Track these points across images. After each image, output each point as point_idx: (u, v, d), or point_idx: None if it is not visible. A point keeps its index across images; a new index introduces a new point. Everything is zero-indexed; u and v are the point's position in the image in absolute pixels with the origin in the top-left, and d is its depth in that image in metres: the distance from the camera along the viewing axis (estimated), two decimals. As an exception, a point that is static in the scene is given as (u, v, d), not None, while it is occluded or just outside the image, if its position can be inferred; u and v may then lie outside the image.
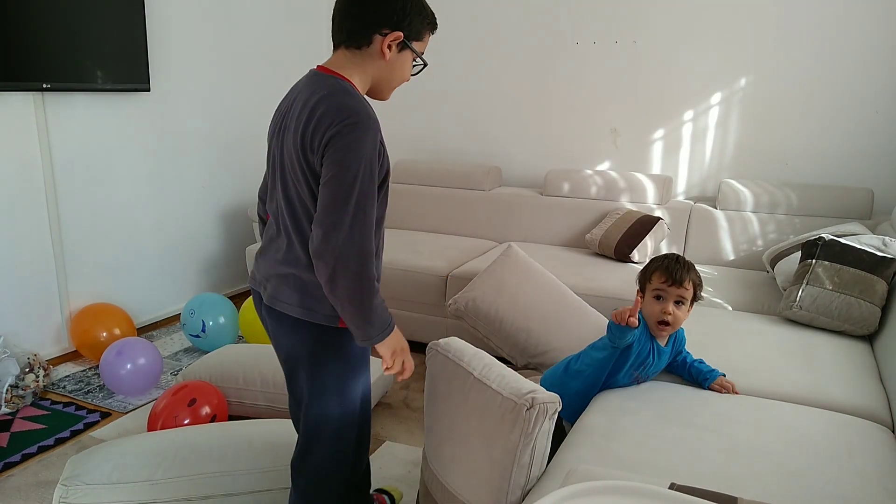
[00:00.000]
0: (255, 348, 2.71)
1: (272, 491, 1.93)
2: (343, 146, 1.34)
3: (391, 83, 1.55)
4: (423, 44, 1.52)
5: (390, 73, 1.51)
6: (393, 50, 1.47)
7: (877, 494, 1.41)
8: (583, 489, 1.14)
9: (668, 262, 1.84)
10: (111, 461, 1.89)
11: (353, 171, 1.33)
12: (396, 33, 1.44)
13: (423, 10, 1.48)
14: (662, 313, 1.81)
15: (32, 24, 2.75)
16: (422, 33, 1.50)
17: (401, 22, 1.44)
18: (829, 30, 3.33)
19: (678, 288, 1.80)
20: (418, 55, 1.52)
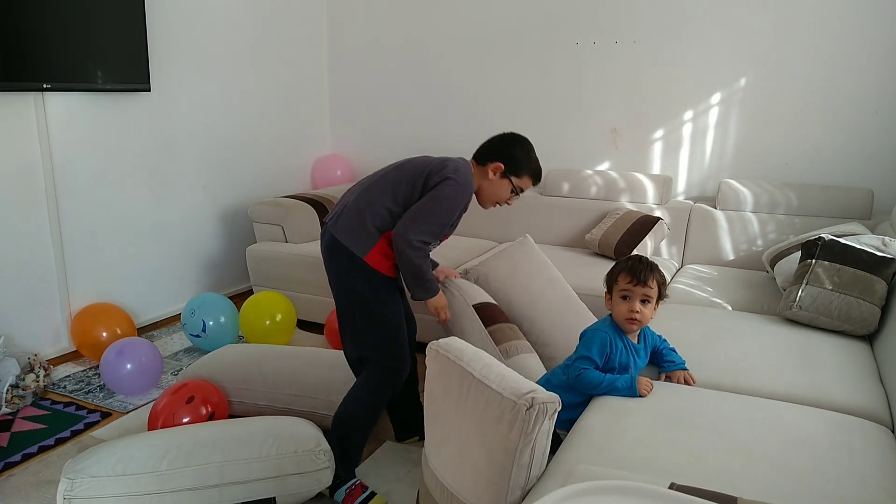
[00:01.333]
0: (256, 348, 2.72)
1: (278, 478, 1.95)
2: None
3: (487, 193, 2.27)
4: (522, 182, 2.24)
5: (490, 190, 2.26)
6: (496, 175, 2.22)
7: (877, 494, 1.41)
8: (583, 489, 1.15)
9: (633, 262, 1.94)
10: (115, 455, 1.90)
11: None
12: (500, 164, 2.22)
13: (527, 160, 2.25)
14: (630, 312, 1.90)
15: (33, 24, 2.75)
16: (521, 173, 2.23)
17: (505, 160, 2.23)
18: (829, 30, 3.33)
19: (643, 287, 1.89)
20: (513, 186, 2.23)
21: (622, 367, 1.90)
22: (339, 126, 4.68)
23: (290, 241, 3.70)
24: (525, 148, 2.24)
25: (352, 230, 2.10)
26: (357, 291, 2.13)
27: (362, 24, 4.44)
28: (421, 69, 4.29)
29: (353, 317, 2.18)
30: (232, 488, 1.91)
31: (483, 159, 2.23)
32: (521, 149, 2.24)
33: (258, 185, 4.16)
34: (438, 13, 4.19)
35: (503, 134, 2.28)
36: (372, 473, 2.25)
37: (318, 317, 3.53)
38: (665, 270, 3.25)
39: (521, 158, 2.22)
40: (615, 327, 1.95)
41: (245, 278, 3.95)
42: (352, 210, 2.12)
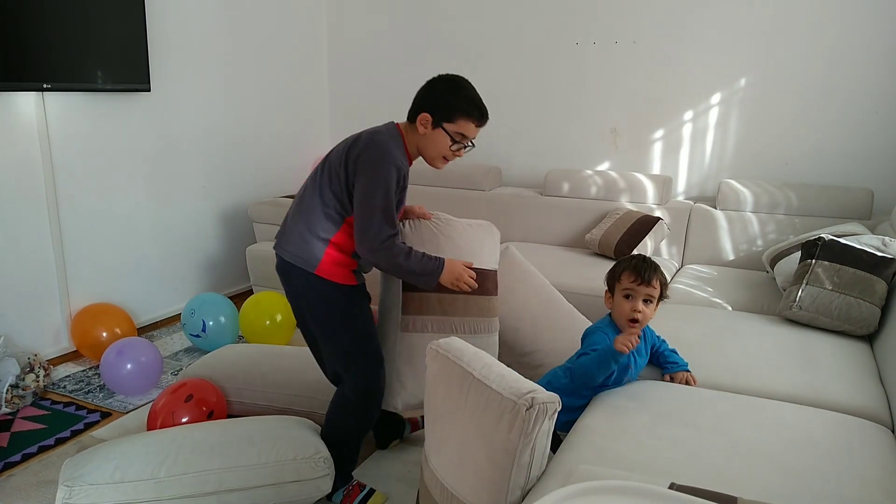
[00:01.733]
0: (255, 348, 2.71)
1: (277, 485, 1.94)
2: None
3: (427, 152, 1.99)
4: (457, 126, 1.92)
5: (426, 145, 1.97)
6: (427, 127, 1.93)
7: (877, 494, 1.41)
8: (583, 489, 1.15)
9: (637, 262, 1.91)
10: (113, 461, 1.89)
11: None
12: (426, 115, 1.91)
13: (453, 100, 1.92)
14: (633, 311, 1.87)
15: (33, 24, 2.75)
16: (452, 116, 1.91)
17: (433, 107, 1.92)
18: (829, 30, 3.33)
19: (647, 287, 1.87)
20: (448, 134, 1.93)
21: (622, 367, 1.89)
22: (339, 126, 4.68)
23: (290, 241, 3.69)
24: (451, 87, 1.93)
25: (296, 246, 1.94)
26: (316, 310, 1.98)
27: (362, 24, 4.44)
28: (421, 69, 4.28)
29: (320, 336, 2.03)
30: (230, 495, 1.90)
31: (412, 116, 1.95)
32: (446, 90, 1.92)
33: (258, 185, 4.16)
34: (438, 13, 4.19)
35: (428, 80, 1.97)
36: (371, 474, 2.25)
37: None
38: (665, 270, 3.23)
39: (448, 100, 1.91)
40: (614, 327, 1.94)
41: (245, 278, 3.95)
42: (291, 224, 1.97)
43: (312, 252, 1.92)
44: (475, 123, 1.95)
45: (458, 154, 1.99)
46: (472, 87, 1.96)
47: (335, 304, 1.96)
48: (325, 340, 2.03)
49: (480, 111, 1.95)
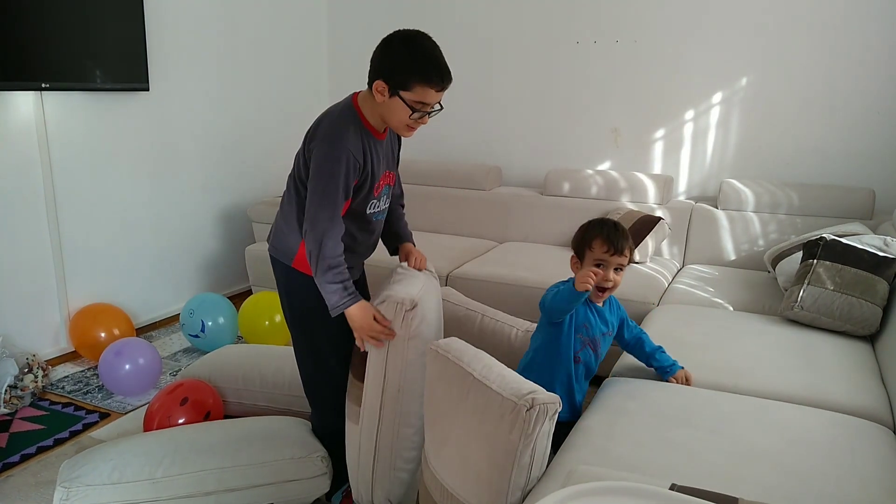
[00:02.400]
0: (255, 348, 2.71)
1: (275, 484, 1.93)
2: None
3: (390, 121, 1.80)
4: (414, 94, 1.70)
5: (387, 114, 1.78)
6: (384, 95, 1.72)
7: (877, 494, 1.41)
8: (583, 490, 1.14)
9: (608, 230, 1.85)
10: (111, 461, 1.88)
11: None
12: (380, 82, 1.71)
13: (410, 65, 1.70)
14: (604, 280, 1.85)
15: (32, 23, 2.75)
16: (408, 84, 1.69)
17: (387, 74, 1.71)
18: (830, 30, 3.32)
19: (619, 257, 1.84)
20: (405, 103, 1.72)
21: (578, 326, 1.89)
22: (339, 126, 4.67)
23: (289, 241, 3.69)
24: (406, 48, 1.70)
25: (277, 239, 1.91)
26: (294, 308, 1.93)
27: (362, 24, 4.44)
28: (421, 69, 4.28)
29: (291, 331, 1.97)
30: (229, 495, 1.90)
31: (369, 84, 1.76)
32: (399, 52, 1.69)
33: (258, 185, 4.15)
34: (438, 13, 4.18)
35: (383, 39, 1.75)
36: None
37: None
38: (666, 270, 3.25)
39: (403, 65, 1.68)
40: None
41: (244, 278, 3.95)
42: (276, 218, 1.95)
43: (289, 244, 1.87)
44: (435, 88, 1.72)
45: (422, 122, 1.79)
46: (431, 45, 1.72)
47: (306, 298, 1.84)
48: (293, 337, 1.97)
49: (440, 74, 1.70)
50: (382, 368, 1.78)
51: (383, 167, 1.88)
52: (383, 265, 2.23)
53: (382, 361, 1.78)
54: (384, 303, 1.77)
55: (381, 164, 1.86)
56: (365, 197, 1.83)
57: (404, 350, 1.77)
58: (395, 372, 1.78)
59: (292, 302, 1.93)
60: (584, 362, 1.95)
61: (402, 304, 1.75)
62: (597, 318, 1.94)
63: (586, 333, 1.92)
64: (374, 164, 1.82)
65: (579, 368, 1.95)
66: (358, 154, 1.74)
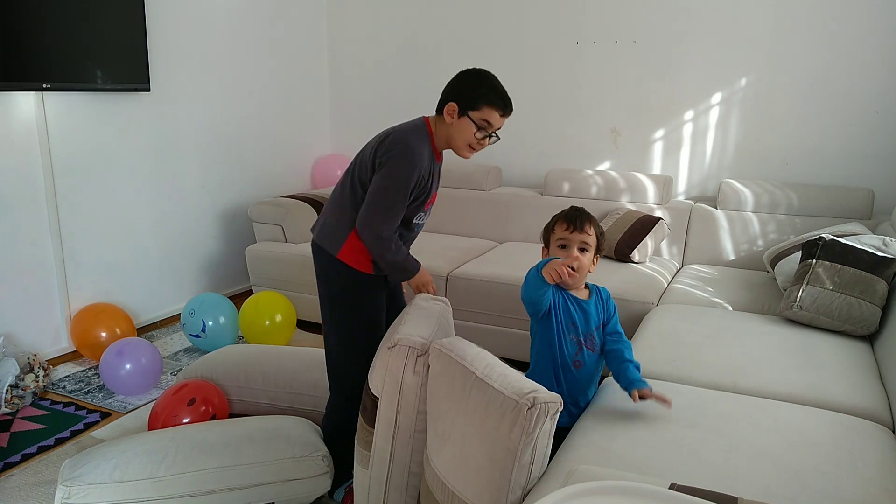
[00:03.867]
0: (256, 348, 2.71)
1: (276, 483, 1.94)
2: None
3: (455, 141, 2.04)
4: (482, 113, 1.99)
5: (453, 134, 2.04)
6: (454, 116, 2.00)
7: (877, 494, 1.41)
8: (583, 489, 1.14)
9: (569, 211, 1.89)
10: (112, 460, 1.88)
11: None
12: (452, 104, 1.99)
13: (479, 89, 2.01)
14: (570, 259, 1.82)
15: (32, 24, 2.75)
16: (477, 104, 1.98)
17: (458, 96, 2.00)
18: (829, 30, 3.33)
19: (580, 233, 1.84)
20: (473, 121, 1.99)
21: (567, 327, 1.83)
22: (339, 126, 4.68)
23: (289, 241, 3.70)
24: (476, 77, 2.02)
25: (324, 228, 2.06)
26: (330, 291, 2.07)
27: (362, 24, 4.44)
28: (421, 69, 4.28)
29: (324, 318, 2.11)
30: (230, 494, 1.90)
31: (440, 108, 2.04)
32: (471, 80, 2.02)
33: (258, 185, 4.15)
34: (438, 13, 4.19)
35: (457, 73, 2.06)
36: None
37: (317, 317, 3.51)
38: (665, 270, 3.26)
39: (473, 89, 1.99)
40: (558, 288, 1.86)
41: (245, 278, 3.95)
42: (326, 209, 2.11)
43: (337, 237, 2.03)
44: (499, 112, 2.02)
45: (482, 143, 2.06)
46: (497, 79, 2.05)
47: (344, 287, 2.05)
48: (323, 315, 2.12)
49: (504, 101, 2.02)
50: (394, 414, 1.73)
51: (436, 187, 2.11)
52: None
53: (394, 407, 1.72)
54: (395, 347, 1.70)
55: (436, 184, 2.10)
56: (416, 208, 2.03)
57: (416, 397, 1.72)
58: (407, 418, 1.73)
59: (330, 287, 2.08)
60: (586, 365, 1.86)
61: (414, 348, 1.69)
62: (581, 312, 1.87)
63: (576, 333, 1.85)
64: (432, 183, 2.06)
65: (583, 373, 1.86)
66: (425, 170, 1.97)
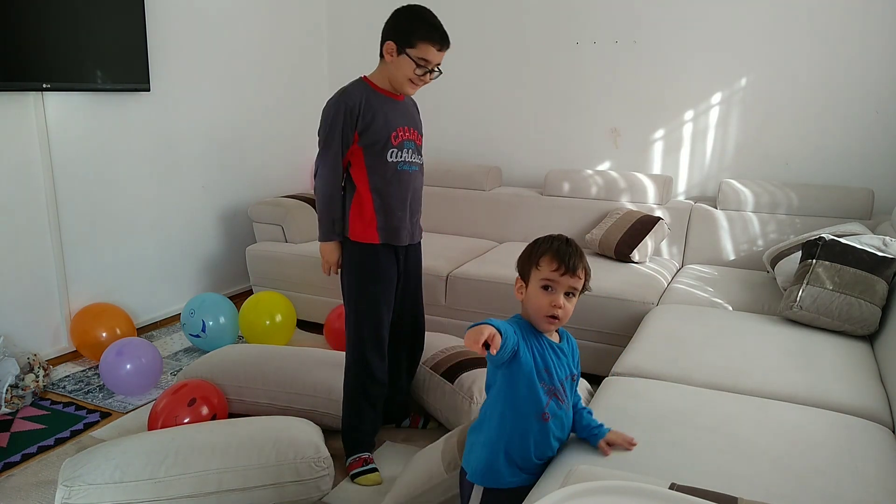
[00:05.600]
0: (256, 348, 2.71)
1: (276, 485, 1.94)
2: None
3: (396, 78, 2.11)
4: (418, 51, 2.04)
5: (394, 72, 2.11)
6: (393, 55, 2.07)
7: (877, 494, 1.41)
8: (583, 489, 1.14)
9: (559, 245, 1.54)
10: (113, 461, 1.88)
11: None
12: (390, 43, 2.06)
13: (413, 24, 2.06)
14: (552, 307, 1.49)
15: (32, 24, 2.75)
16: (413, 42, 2.04)
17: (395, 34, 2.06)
18: (830, 30, 3.33)
19: (571, 277, 1.50)
20: (412, 59, 2.05)
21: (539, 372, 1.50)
22: (339, 126, 4.67)
23: (290, 241, 3.70)
24: (412, 14, 2.08)
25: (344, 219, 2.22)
26: (343, 270, 2.22)
27: (362, 24, 4.44)
28: (421, 69, 4.28)
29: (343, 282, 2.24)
30: (230, 496, 1.90)
31: (381, 51, 2.13)
32: (407, 18, 2.07)
33: (258, 185, 4.15)
34: (438, 13, 4.17)
35: (392, 11, 2.12)
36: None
37: (318, 317, 3.53)
38: (665, 270, 3.25)
39: (409, 27, 2.05)
40: (527, 325, 1.54)
41: (245, 278, 3.95)
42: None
43: (344, 217, 2.17)
44: (436, 47, 2.07)
45: (423, 79, 2.11)
46: (432, 14, 2.10)
47: (355, 263, 2.18)
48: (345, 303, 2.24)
49: (441, 35, 2.07)
50: None
51: (400, 122, 2.15)
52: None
53: None
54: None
55: (397, 118, 2.14)
56: (383, 146, 2.10)
57: None
58: None
59: (346, 261, 2.20)
60: (556, 417, 1.54)
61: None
62: (557, 357, 1.55)
63: (550, 381, 1.52)
64: (385, 116, 2.10)
65: (548, 428, 1.53)
66: (354, 103, 2.06)
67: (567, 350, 1.59)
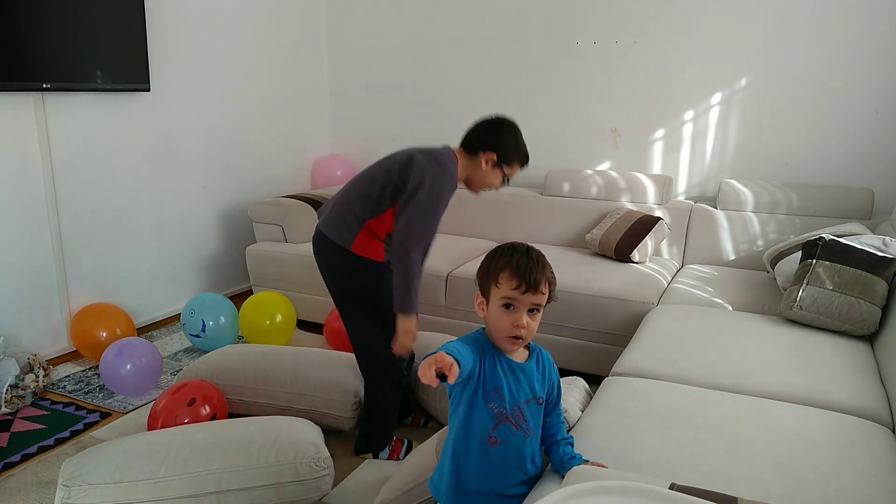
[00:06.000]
0: (256, 348, 2.71)
1: (277, 485, 1.94)
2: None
3: (479, 182, 2.31)
4: (512, 169, 2.27)
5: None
6: (489, 165, 2.24)
7: (877, 494, 1.41)
8: (583, 489, 1.14)
9: (518, 260, 1.38)
10: (112, 461, 1.88)
11: None
12: (492, 154, 2.23)
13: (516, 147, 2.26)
14: (515, 327, 1.36)
15: (32, 24, 2.75)
16: (511, 162, 2.26)
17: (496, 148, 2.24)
18: (830, 30, 3.33)
19: (533, 294, 1.36)
20: (503, 174, 2.28)
21: (487, 393, 1.39)
22: (339, 126, 4.68)
23: (290, 241, 3.70)
24: (514, 134, 2.27)
25: (336, 224, 2.21)
26: (352, 288, 2.25)
27: (362, 24, 4.44)
28: (421, 69, 4.28)
29: (342, 310, 2.30)
30: (230, 496, 1.89)
31: (474, 149, 2.24)
32: (511, 137, 2.26)
33: (258, 185, 4.15)
34: (438, 13, 4.19)
35: (489, 120, 2.27)
36: (371, 473, 2.25)
37: (318, 317, 3.53)
38: (665, 270, 3.25)
39: (512, 147, 2.25)
40: (489, 345, 1.42)
41: (245, 278, 3.95)
42: (336, 204, 2.26)
43: (350, 232, 2.19)
44: (521, 167, 2.32)
45: (497, 187, 2.34)
46: (521, 135, 2.30)
47: (362, 278, 2.23)
48: (345, 316, 2.31)
49: (527, 160, 2.31)
50: None
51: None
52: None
53: None
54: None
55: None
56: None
57: None
58: None
59: (350, 284, 2.24)
60: (505, 445, 1.40)
61: None
62: (512, 377, 1.41)
63: (500, 403, 1.39)
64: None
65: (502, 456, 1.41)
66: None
67: (532, 370, 1.43)
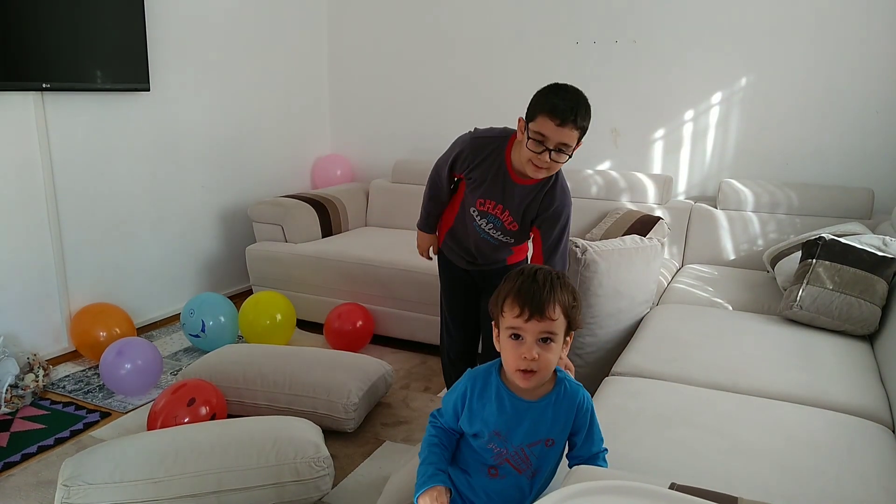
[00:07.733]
0: (255, 348, 2.71)
1: (277, 485, 1.94)
2: None
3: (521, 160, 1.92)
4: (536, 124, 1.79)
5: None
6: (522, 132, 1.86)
7: (877, 494, 1.41)
8: (583, 489, 1.14)
9: (522, 283, 1.22)
10: (112, 461, 1.88)
11: None
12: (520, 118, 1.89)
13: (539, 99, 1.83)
14: (522, 360, 1.22)
15: (32, 24, 2.75)
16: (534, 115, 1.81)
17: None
18: (830, 30, 3.33)
19: (540, 320, 1.19)
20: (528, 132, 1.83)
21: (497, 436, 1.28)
22: (339, 126, 4.68)
23: (289, 240, 3.69)
24: (546, 88, 1.82)
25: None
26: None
27: (362, 24, 4.44)
28: (421, 69, 4.28)
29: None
30: (230, 496, 1.90)
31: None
32: (541, 91, 1.83)
33: (258, 185, 4.15)
34: (438, 13, 4.18)
35: None
36: (371, 473, 2.25)
37: (317, 317, 3.53)
38: (665, 270, 3.25)
39: (535, 99, 1.82)
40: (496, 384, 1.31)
41: (245, 278, 3.95)
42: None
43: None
44: (554, 122, 1.72)
45: (542, 159, 1.78)
46: (568, 88, 1.79)
47: (439, 271, 2.45)
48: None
49: (561, 109, 1.71)
50: None
51: (498, 198, 2.04)
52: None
53: None
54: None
55: (497, 193, 2.03)
56: (467, 198, 2.14)
57: None
58: None
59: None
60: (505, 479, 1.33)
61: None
62: (515, 418, 1.28)
63: (501, 444, 1.28)
64: (487, 182, 2.03)
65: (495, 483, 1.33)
66: (472, 156, 2.03)
67: (543, 410, 1.29)
